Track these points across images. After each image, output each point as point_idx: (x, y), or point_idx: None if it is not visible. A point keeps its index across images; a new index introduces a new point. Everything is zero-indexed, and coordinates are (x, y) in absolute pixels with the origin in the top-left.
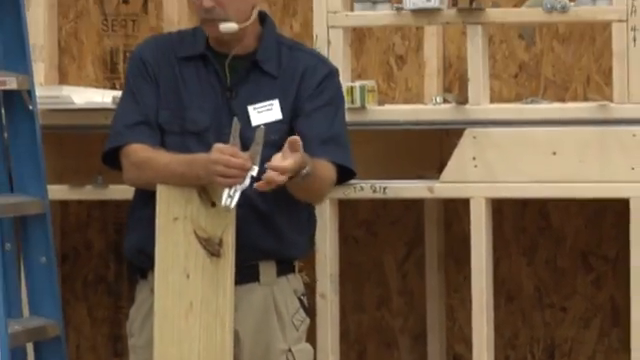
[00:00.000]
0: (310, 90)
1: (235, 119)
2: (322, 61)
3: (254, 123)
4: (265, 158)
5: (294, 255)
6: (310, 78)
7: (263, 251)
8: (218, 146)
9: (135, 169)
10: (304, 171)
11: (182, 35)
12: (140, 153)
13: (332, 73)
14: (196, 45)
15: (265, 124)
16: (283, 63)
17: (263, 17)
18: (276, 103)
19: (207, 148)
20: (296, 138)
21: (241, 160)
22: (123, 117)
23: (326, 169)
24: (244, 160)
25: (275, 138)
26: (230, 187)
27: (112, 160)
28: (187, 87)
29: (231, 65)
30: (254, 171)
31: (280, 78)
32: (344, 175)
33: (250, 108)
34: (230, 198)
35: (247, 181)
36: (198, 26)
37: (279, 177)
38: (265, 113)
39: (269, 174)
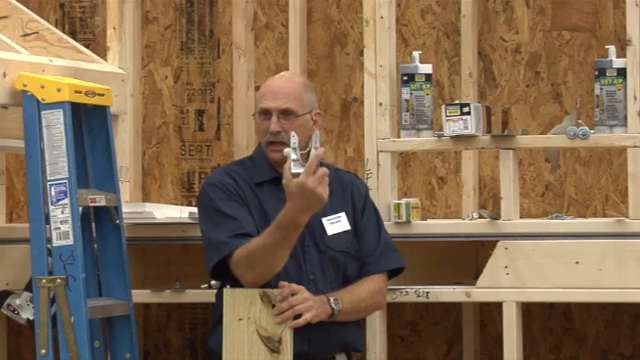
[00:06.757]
0: (359, 205)
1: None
2: (358, 178)
3: (329, 233)
4: (333, 271)
5: (359, 348)
6: (357, 193)
7: (340, 345)
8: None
9: (246, 266)
10: (335, 310)
11: (243, 164)
12: (244, 250)
13: (367, 188)
14: (265, 171)
15: (336, 234)
16: (331, 181)
17: None
18: (343, 215)
19: (290, 257)
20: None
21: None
22: (221, 234)
23: (369, 287)
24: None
25: (345, 247)
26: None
27: (218, 275)
28: (268, 205)
29: None
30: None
31: (334, 194)
32: (396, 271)
33: (324, 220)
34: (295, 165)
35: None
36: (253, 155)
37: None
38: (336, 224)
39: None
